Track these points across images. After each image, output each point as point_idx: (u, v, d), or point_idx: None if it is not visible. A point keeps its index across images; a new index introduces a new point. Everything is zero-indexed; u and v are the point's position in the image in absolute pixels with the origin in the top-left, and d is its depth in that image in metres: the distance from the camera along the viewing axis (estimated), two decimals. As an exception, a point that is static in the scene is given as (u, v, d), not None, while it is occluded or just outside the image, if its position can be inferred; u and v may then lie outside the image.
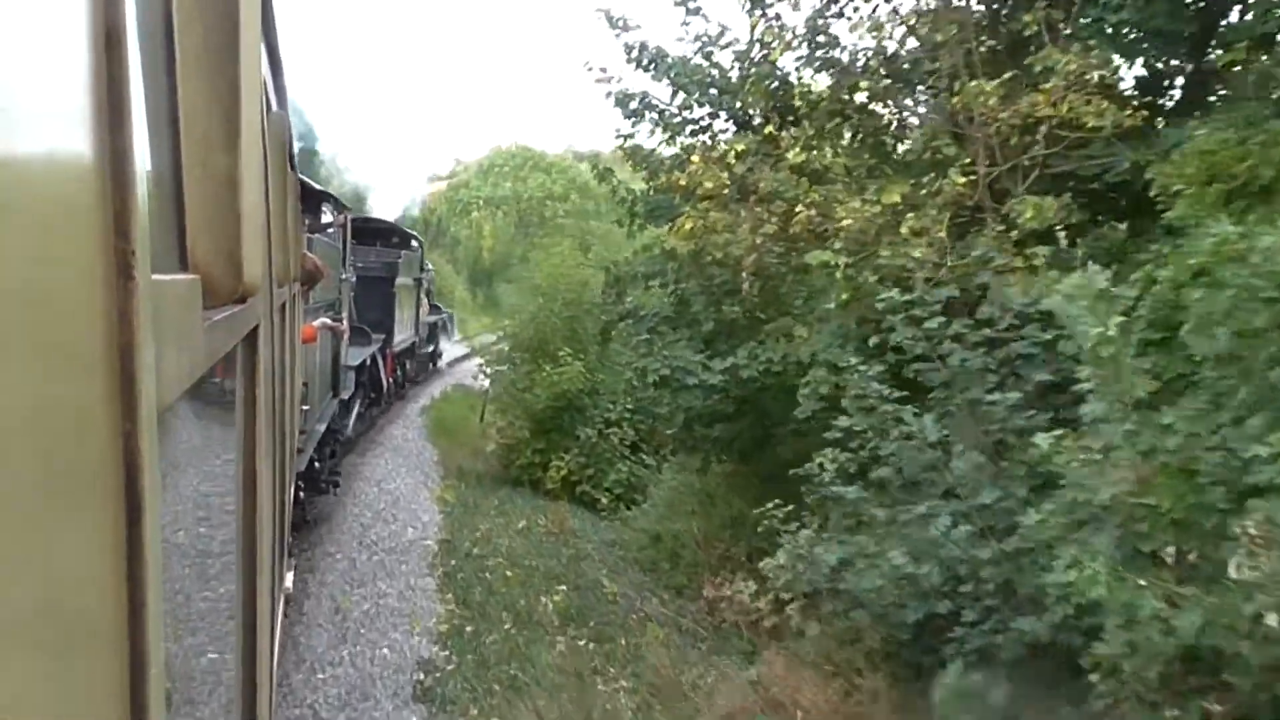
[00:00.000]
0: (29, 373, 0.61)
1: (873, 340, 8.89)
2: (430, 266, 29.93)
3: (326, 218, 13.64)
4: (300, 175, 8.22)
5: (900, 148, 11.94)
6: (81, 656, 0.74)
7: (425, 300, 26.26)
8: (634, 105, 12.79)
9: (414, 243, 24.61)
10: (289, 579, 7.64)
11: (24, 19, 0.62)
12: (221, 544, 2.01)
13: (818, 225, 10.26)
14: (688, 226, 11.23)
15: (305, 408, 10.12)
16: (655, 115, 12.84)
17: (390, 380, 21.55)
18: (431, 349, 29.42)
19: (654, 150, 13.23)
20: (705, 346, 12.29)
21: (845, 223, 9.78)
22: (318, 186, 13.19)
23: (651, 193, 14.06)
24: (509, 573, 12.34)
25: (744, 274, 11.08)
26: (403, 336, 21.89)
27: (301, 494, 11.01)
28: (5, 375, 0.57)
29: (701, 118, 12.87)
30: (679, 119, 12.72)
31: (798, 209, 10.31)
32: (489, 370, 21.45)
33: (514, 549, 13.69)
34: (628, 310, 14.01)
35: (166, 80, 1.24)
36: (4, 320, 0.57)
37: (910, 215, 9.76)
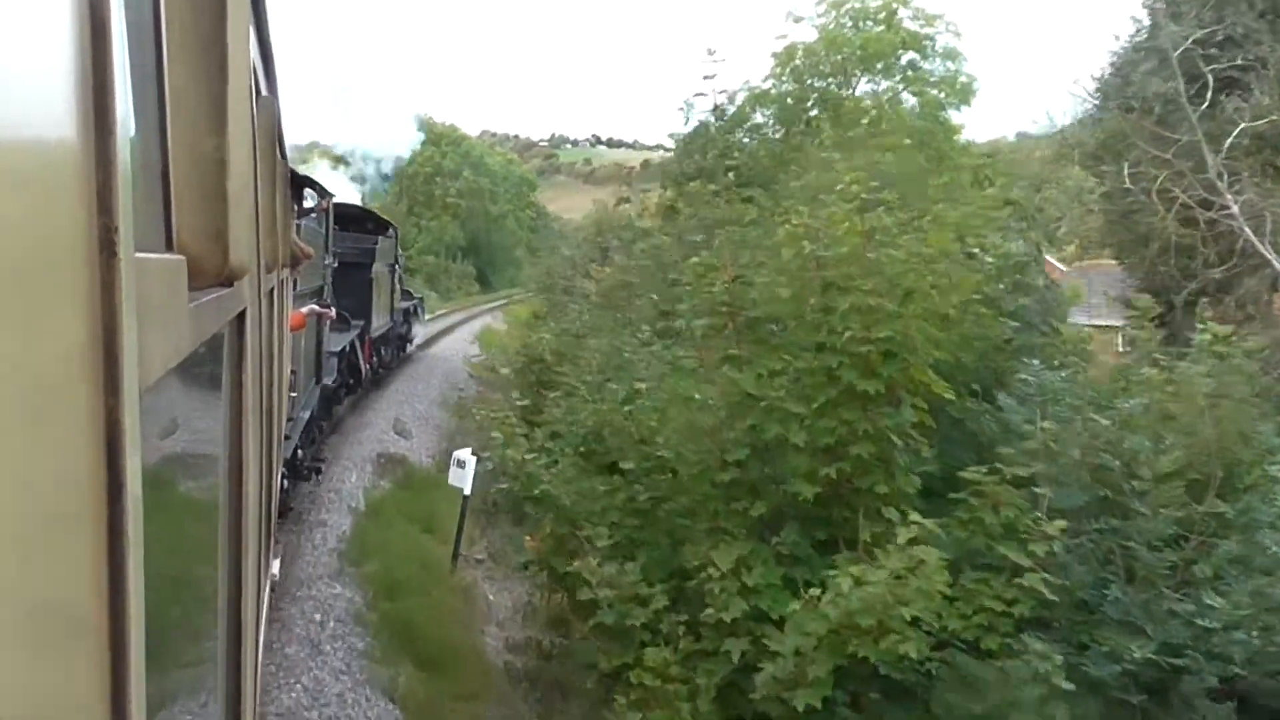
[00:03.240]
0: (8, 347, 0.61)
1: None
2: (403, 253, 29.93)
3: (309, 203, 13.63)
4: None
5: None
6: (60, 636, 0.73)
7: (398, 286, 26.30)
8: None
9: (390, 230, 24.57)
10: (275, 566, 7.65)
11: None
12: (207, 529, 2.01)
13: None
14: None
15: (293, 394, 10.13)
16: None
17: (368, 366, 21.59)
18: (404, 334, 29.47)
19: None
20: None
21: None
22: (300, 172, 13.18)
23: None
24: None
25: None
26: (380, 322, 21.85)
27: (285, 482, 11.03)
28: None
29: None
30: None
31: None
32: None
33: None
34: None
35: (154, 61, 1.23)
36: None
37: None
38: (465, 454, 12.47)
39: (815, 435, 8.87)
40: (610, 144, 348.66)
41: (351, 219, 21.10)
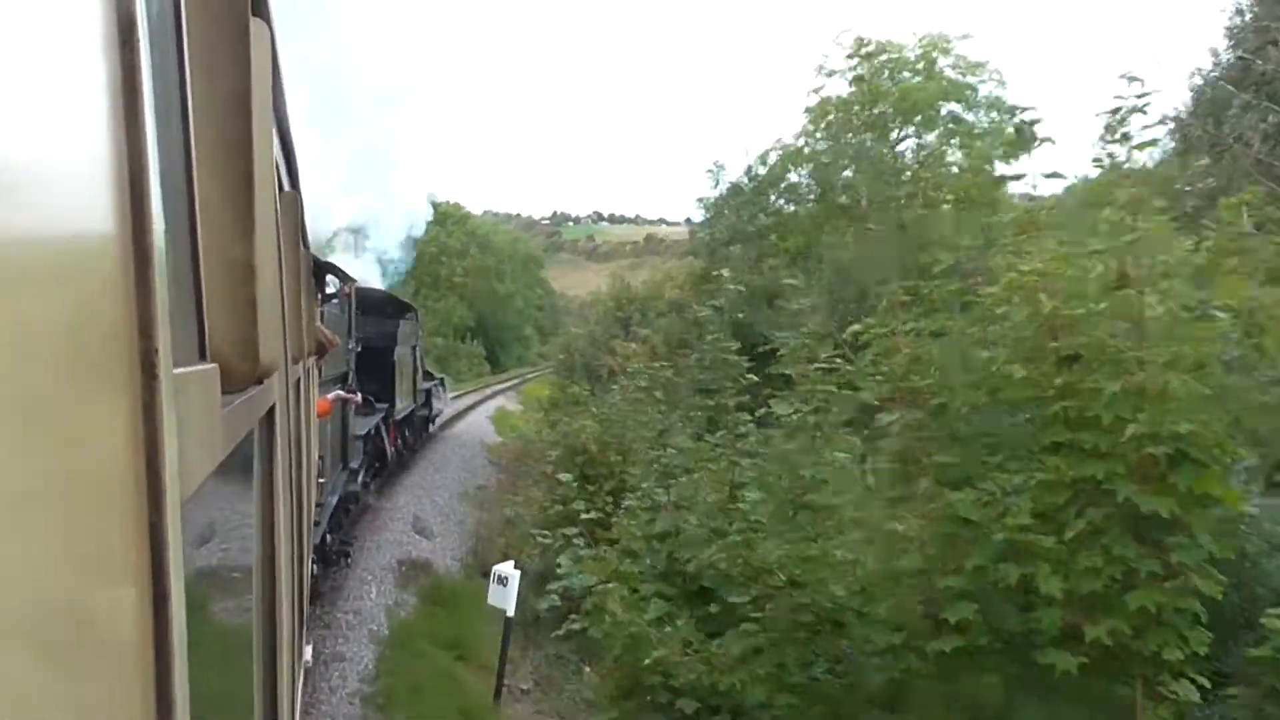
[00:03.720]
0: (54, 470, 0.64)
1: None
2: (422, 335, 30.02)
3: (331, 289, 13.76)
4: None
5: None
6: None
7: (420, 367, 26.35)
8: None
9: (410, 312, 24.63)
10: (308, 653, 7.62)
11: (46, 119, 0.66)
12: (242, 621, 2.03)
13: None
14: None
15: (321, 480, 10.16)
16: None
17: (393, 449, 21.55)
18: (427, 415, 29.49)
19: None
20: None
21: None
22: (322, 259, 13.39)
23: None
24: None
25: None
26: (403, 404, 21.84)
27: (316, 567, 10.99)
28: (34, 473, 0.60)
29: None
30: None
31: None
32: None
33: None
34: None
35: (184, 177, 1.28)
36: (31, 419, 0.60)
37: None
38: (507, 569, 10.35)
39: (1075, 580, 6.21)
40: (612, 220, 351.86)
41: (372, 303, 20.66)
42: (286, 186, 4.01)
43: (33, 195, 0.61)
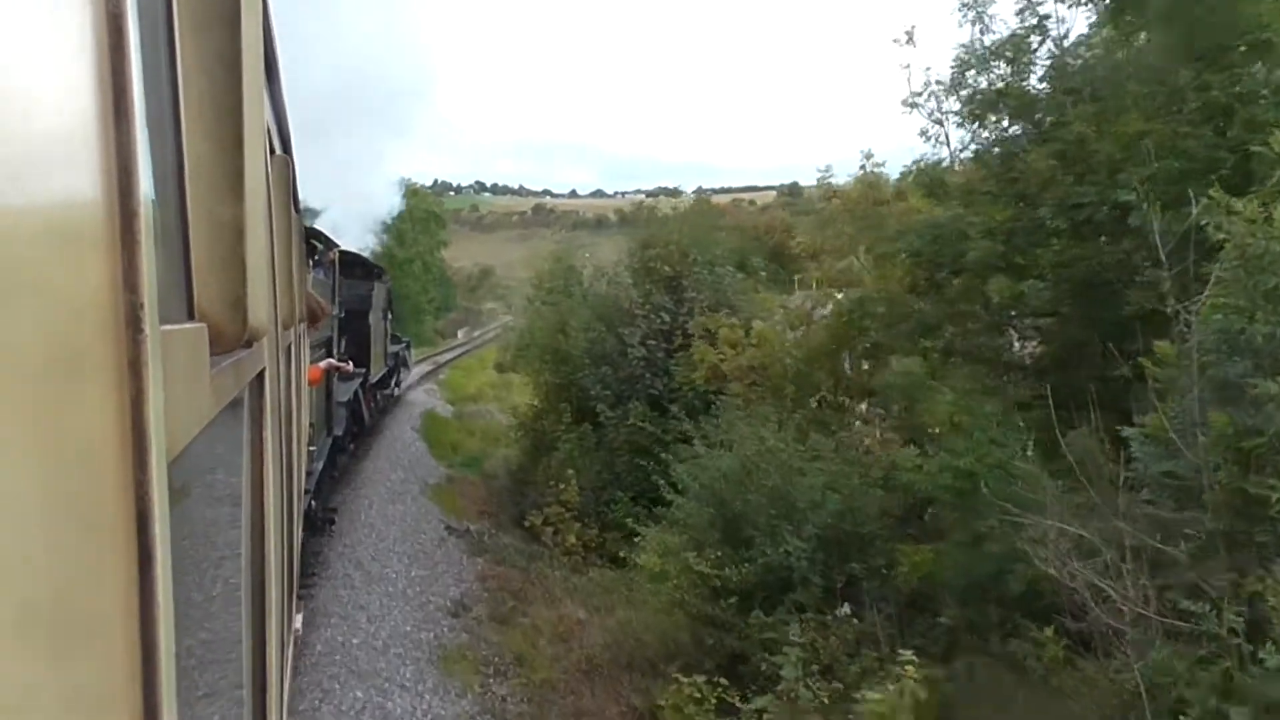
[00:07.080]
0: (41, 425, 0.63)
1: None
2: (393, 296, 29.60)
3: (315, 255, 13.66)
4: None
5: None
6: (96, 704, 0.75)
7: (389, 330, 26.11)
8: None
9: (382, 275, 24.21)
10: (298, 620, 7.64)
11: (31, 74, 0.64)
12: (230, 587, 2.02)
13: None
14: None
15: (312, 448, 10.16)
16: None
17: (368, 413, 21.46)
18: (395, 379, 29.25)
19: None
20: None
21: None
22: (306, 224, 13.26)
23: None
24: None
25: None
26: (377, 369, 21.69)
27: (301, 534, 10.98)
28: (18, 427, 0.59)
29: None
30: None
31: None
32: None
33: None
34: None
35: (173, 136, 1.26)
36: (16, 373, 0.59)
37: None
38: None
39: None
40: (495, 190, 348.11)
41: (349, 267, 18.88)
42: (279, 150, 3.98)
43: (15, 150, 0.60)
